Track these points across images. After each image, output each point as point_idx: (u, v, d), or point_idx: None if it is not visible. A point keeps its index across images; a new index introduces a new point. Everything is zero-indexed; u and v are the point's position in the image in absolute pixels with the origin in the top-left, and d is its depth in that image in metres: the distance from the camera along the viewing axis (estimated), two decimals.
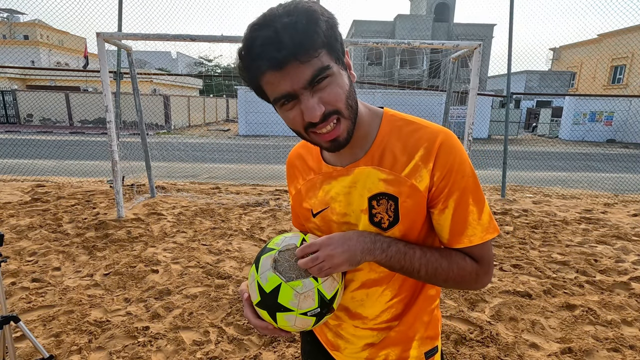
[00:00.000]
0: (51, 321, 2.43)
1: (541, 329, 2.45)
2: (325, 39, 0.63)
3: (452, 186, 0.73)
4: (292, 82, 0.64)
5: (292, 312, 0.73)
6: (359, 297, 0.84)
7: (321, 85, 0.65)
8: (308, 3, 0.63)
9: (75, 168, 7.55)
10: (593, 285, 3.09)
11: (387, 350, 0.85)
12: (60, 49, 31.67)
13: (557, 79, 28.93)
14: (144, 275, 3.11)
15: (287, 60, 0.61)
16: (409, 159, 0.75)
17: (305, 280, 0.73)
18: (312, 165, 0.86)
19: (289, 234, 0.81)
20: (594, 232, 4.43)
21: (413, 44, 4.24)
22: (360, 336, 0.86)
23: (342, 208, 0.80)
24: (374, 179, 0.76)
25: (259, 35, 0.61)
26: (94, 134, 17.27)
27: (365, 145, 0.78)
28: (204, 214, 4.83)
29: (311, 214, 0.85)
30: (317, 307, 0.73)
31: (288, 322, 0.74)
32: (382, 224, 0.76)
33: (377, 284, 0.82)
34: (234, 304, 2.69)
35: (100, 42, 4.23)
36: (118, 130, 5.52)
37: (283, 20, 0.60)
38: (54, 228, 4.13)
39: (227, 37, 4.33)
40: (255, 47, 0.62)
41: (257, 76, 0.65)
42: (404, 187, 0.74)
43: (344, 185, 0.79)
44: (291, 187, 0.93)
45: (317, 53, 0.63)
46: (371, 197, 0.76)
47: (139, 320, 2.48)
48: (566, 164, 11.15)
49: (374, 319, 0.84)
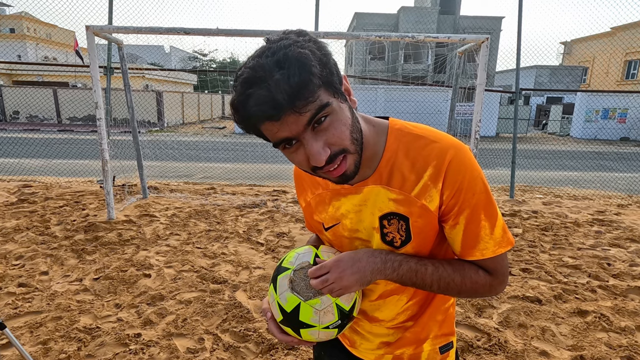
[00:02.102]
0: (38, 328, 2.43)
1: (552, 336, 2.45)
2: (320, 81, 0.64)
3: (462, 204, 0.75)
4: (290, 129, 0.64)
5: (314, 328, 0.79)
6: (377, 304, 0.90)
7: (323, 126, 0.66)
8: (298, 47, 0.62)
9: (64, 167, 7.55)
10: (606, 290, 3.09)
11: (402, 349, 0.91)
12: (48, 42, 31.67)
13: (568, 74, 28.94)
14: (136, 279, 3.11)
15: (284, 113, 0.62)
16: (418, 178, 0.76)
17: (322, 298, 0.78)
18: (319, 180, 0.87)
19: (301, 249, 0.85)
20: (607, 235, 4.43)
21: (417, 38, 4.24)
22: (376, 334, 0.92)
23: (353, 225, 0.84)
24: (384, 198, 0.79)
25: (252, 94, 0.62)
26: (84, 132, 17.27)
27: (373, 164, 0.79)
28: (199, 216, 4.83)
29: (323, 227, 0.90)
30: (338, 319, 0.80)
31: (312, 336, 0.81)
32: (394, 243, 0.80)
33: (394, 294, 0.88)
34: (229, 309, 2.70)
35: (90, 35, 4.23)
36: (108, 128, 5.52)
37: (275, 76, 0.60)
38: (41, 230, 4.12)
39: (223, 30, 4.33)
40: (250, 106, 0.63)
41: (255, 126, 0.67)
42: (415, 208, 0.77)
43: (354, 204, 0.82)
44: (301, 199, 0.96)
45: (314, 97, 0.63)
46: (382, 216, 0.79)
47: (131, 327, 2.48)
48: (578, 163, 11.16)
49: (391, 320, 0.90)
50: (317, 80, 0.63)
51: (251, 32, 4.27)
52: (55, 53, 32.22)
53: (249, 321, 2.57)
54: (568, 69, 29.15)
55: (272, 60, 0.61)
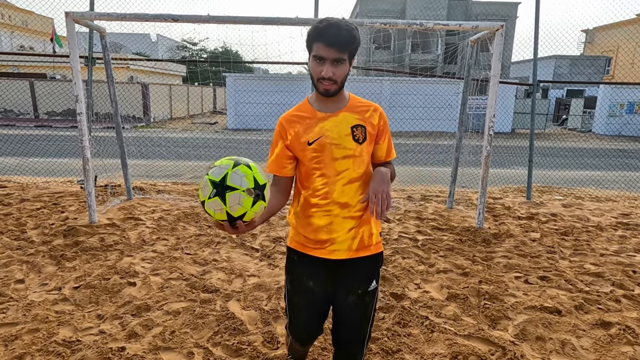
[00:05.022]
0: (14, 341, 2.43)
1: (572, 350, 2.46)
2: (353, 48, 1.47)
3: (384, 131, 1.64)
4: (327, 54, 1.43)
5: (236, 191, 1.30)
6: (346, 191, 1.58)
7: (338, 65, 1.47)
8: (352, 25, 1.47)
9: (41, 166, 7.56)
10: (631, 300, 3.09)
11: (363, 229, 1.64)
12: (24, 30, 31.67)
13: (590, 64, 28.96)
14: (120, 288, 3.12)
15: (335, 46, 1.42)
16: (367, 111, 1.62)
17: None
18: (307, 116, 1.60)
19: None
20: (633, 240, 4.43)
21: (426, 25, 4.24)
22: (345, 225, 1.60)
23: (334, 134, 1.56)
24: (351, 118, 1.58)
25: (329, 28, 1.42)
26: (63, 128, 17.28)
27: (343, 102, 1.61)
28: (188, 219, 4.83)
29: (307, 144, 1.56)
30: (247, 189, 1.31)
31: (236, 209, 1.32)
32: (359, 141, 1.57)
33: (355, 181, 1.59)
34: (221, 321, 2.70)
35: (70, 22, 4.23)
36: (90, 124, 5.52)
37: (342, 30, 1.43)
38: (16, 235, 4.13)
39: (215, 17, 4.33)
40: (324, 31, 1.42)
41: (314, 41, 1.45)
42: (367, 122, 1.60)
43: (334, 123, 1.57)
44: (287, 134, 1.59)
45: (346, 52, 1.46)
46: (352, 126, 1.57)
47: (114, 339, 2.48)
48: (600, 161, 11.17)
49: (354, 206, 1.60)
50: (353, 47, 1.47)
51: (245, 19, 4.28)
52: (32, 42, 32.22)
53: (242, 334, 2.57)
54: (590, 59, 29.17)
55: (344, 23, 1.45)
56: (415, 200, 5.99)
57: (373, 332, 2.55)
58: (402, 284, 3.29)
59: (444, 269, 3.59)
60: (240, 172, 1.31)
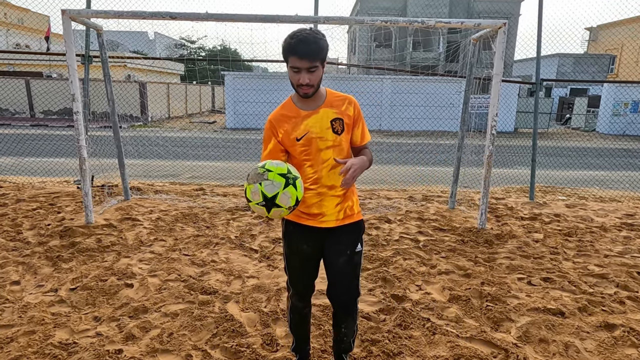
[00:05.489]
0: (9, 343, 2.43)
1: (576, 352, 2.46)
2: (323, 55, 1.76)
3: (359, 118, 1.95)
4: (301, 65, 1.72)
5: (251, 203, 1.64)
6: (331, 175, 1.91)
7: (312, 72, 1.74)
8: (320, 35, 1.75)
9: (37, 166, 7.55)
10: (636, 301, 3.09)
11: (346, 203, 1.99)
12: (20, 28, 31.66)
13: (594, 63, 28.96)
14: (117, 290, 3.12)
15: (306, 57, 1.70)
16: (342, 104, 1.92)
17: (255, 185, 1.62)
18: (292, 115, 1.89)
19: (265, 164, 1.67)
20: (637, 240, 4.43)
21: (427, 23, 4.24)
22: (333, 202, 1.95)
23: (317, 129, 1.87)
24: (330, 113, 1.89)
25: (299, 44, 1.68)
26: (59, 127, 17.28)
27: (322, 99, 1.90)
28: (186, 220, 4.83)
29: (296, 140, 1.87)
30: (262, 200, 1.60)
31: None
32: (338, 132, 1.89)
33: (338, 166, 1.89)
34: (220, 323, 2.70)
35: (66, 20, 4.23)
36: (87, 123, 5.52)
37: (311, 43, 1.69)
38: (12, 236, 4.13)
39: (213, 15, 4.33)
40: (296, 47, 1.69)
41: (288, 55, 1.73)
42: (345, 115, 1.91)
43: (316, 119, 1.87)
44: (278, 132, 1.89)
45: (317, 60, 1.73)
46: (332, 120, 1.88)
47: (111, 342, 2.48)
48: (604, 161, 11.16)
49: (339, 187, 1.91)
50: (322, 55, 1.74)
51: (244, 16, 4.28)
52: (28, 40, 32.21)
53: (241, 336, 2.57)
54: (594, 58, 29.16)
55: (312, 35, 1.70)
56: (416, 201, 5.99)
57: (374, 335, 2.57)
58: (403, 285, 3.29)
59: (446, 270, 3.59)
60: (289, 193, 1.60)
